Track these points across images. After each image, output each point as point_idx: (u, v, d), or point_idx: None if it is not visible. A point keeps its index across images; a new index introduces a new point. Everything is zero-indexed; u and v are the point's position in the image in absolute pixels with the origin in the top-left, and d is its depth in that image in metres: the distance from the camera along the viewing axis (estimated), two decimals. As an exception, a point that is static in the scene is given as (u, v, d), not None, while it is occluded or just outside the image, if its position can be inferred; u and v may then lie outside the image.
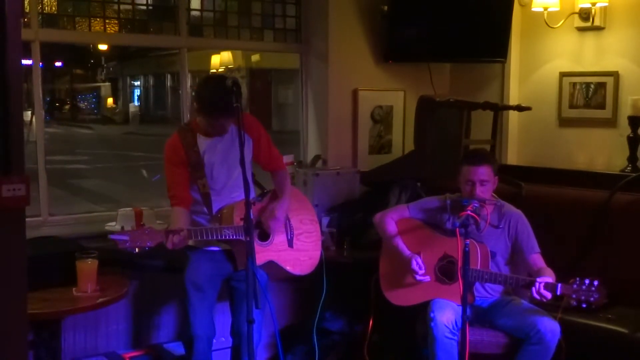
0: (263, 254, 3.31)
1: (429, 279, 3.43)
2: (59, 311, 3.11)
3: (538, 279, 3.16)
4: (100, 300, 3.19)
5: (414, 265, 3.43)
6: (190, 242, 3.20)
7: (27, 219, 1.87)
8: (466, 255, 2.84)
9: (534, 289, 3.14)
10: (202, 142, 3.25)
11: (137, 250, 2.92)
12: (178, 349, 3.81)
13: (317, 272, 3.56)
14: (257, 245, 3.29)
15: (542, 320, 3.18)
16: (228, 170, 3.26)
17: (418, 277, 3.42)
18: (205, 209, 3.25)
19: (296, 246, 3.47)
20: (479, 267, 3.31)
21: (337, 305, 3.96)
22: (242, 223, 3.19)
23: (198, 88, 3.26)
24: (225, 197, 3.25)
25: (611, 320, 3.38)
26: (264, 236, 3.37)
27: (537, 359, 3.17)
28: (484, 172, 3.37)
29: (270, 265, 3.36)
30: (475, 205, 3.09)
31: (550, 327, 3.16)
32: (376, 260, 3.67)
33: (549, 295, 3.13)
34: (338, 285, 3.68)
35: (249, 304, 2.73)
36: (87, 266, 3.22)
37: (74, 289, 3.22)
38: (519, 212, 3.51)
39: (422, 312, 3.42)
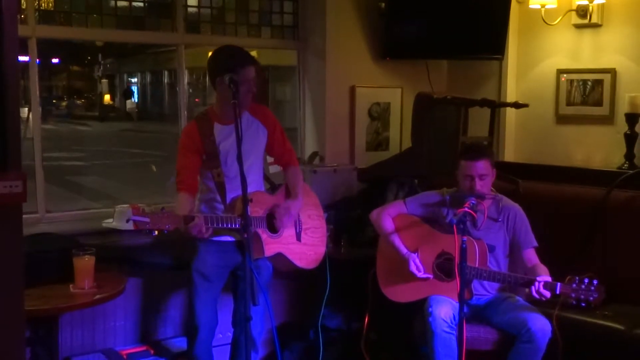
0: (273, 245, 3.33)
1: (431, 277, 3.44)
2: (56, 308, 3.11)
3: (538, 278, 3.16)
4: (98, 296, 3.19)
5: (412, 268, 3.43)
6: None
7: (24, 216, 1.87)
8: (463, 252, 2.84)
9: (533, 288, 3.15)
10: (219, 130, 3.26)
11: (156, 232, 2.94)
12: (176, 345, 3.82)
13: (317, 269, 3.58)
14: (267, 237, 3.32)
15: (533, 319, 3.18)
16: (243, 158, 3.25)
17: (419, 276, 3.43)
18: (219, 197, 3.26)
19: (303, 240, 3.49)
20: (477, 265, 3.32)
21: (335, 302, 3.96)
22: (259, 213, 3.22)
23: (210, 58, 3.22)
24: (238, 186, 3.25)
25: (608, 317, 3.38)
26: (274, 228, 3.39)
27: (528, 357, 3.18)
28: (483, 166, 3.37)
29: (278, 257, 3.38)
30: (473, 202, 3.09)
31: (540, 326, 3.16)
32: (374, 257, 3.67)
33: (548, 294, 3.13)
34: (336, 282, 3.68)
35: (247, 302, 2.74)
36: (84, 263, 3.22)
37: (71, 285, 3.22)
38: (517, 205, 3.52)
39: (419, 310, 3.42)
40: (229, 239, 3.32)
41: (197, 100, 13.84)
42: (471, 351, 3.10)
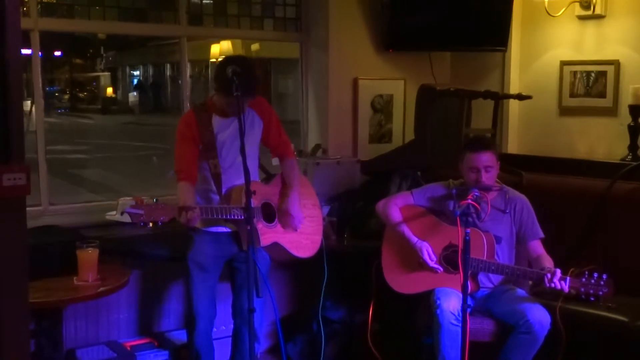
0: (269, 235, 3.34)
1: (441, 270, 3.42)
2: (60, 300, 3.12)
3: (554, 270, 3.14)
4: (101, 289, 3.20)
5: (425, 256, 3.42)
6: (198, 224, 3.22)
7: (27, 209, 1.87)
8: (466, 244, 2.83)
9: (546, 278, 3.12)
10: (217, 122, 3.26)
11: (150, 225, 2.94)
12: (179, 337, 3.83)
13: (316, 260, 3.58)
14: (264, 226, 3.33)
15: (532, 310, 3.18)
16: (237, 149, 3.25)
17: (431, 265, 3.42)
18: (214, 188, 3.27)
19: (299, 229, 3.49)
20: (485, 257, 3.30)
21: (338, 295, 3.97)
22: (254, 203, 3.23)
23: (218, 67, 3.21)
24: (233, 176, 3.25)
25: (611, 309, 3.38)
26: (270, 217, 3.39)
27: (525, 347, 3.18)
28: (488, 158, 3.36)
29: (275, 246, 3.38)
30: (476, 194, 3.09)
31: (539, 317, 3.15)
32: (377, 249, 3.66)
33: (565, 286, 3.11)
34: (339, 275, 3.68)
35: (250, 293, 2.75)
36: (88, 255, 3.22)
37: (74, 278, 3.23)
38: (523, 197, 3.51)
39: (423, 301, 3.42)
40: (223, 229, 3.32)
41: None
42: (474, 342, 3.10)
